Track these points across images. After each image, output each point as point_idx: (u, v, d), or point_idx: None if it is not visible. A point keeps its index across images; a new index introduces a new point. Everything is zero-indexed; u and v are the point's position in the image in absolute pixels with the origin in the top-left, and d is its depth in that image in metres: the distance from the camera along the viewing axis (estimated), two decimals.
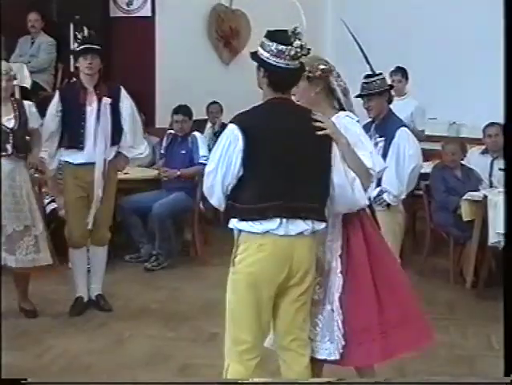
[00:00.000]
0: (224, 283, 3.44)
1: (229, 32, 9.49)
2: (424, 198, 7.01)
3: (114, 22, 8.96)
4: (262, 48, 3.35)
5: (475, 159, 7.13)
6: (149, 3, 8.81)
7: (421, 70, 8.74)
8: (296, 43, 3.29)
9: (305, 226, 3.33)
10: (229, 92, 8.53)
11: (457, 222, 6.55)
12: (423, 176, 6.53)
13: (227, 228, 3.41)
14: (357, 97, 4.98)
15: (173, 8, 8.72)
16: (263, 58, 3.34)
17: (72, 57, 6.39)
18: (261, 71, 3.38)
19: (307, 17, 3.38)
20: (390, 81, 7.71)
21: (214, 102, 8.66)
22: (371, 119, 5.35)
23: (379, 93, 5.28)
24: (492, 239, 6.07)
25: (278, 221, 3.29)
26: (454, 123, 9.26)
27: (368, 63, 5.37)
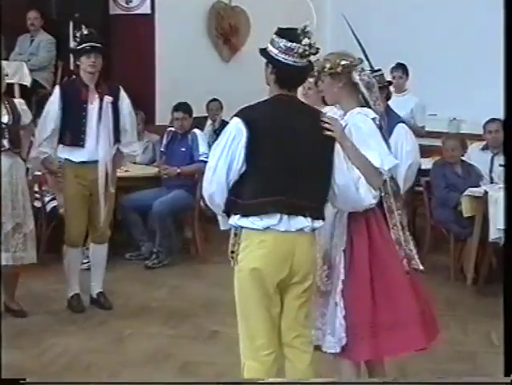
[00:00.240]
0: (224, 281, 3.44)
1: (228, 29, 9.46)
2: (424, 194, 7.00)
3: (113, 20, 8.96)
4: (272, 45, 3.36)
5: (475, 155, 7.12)
6: (149, 1, 8.80)
7: (421, 66, 8.72)
8: (305, 41, 3.31)
9: (306, 223, 3.32)
10: (229, 89, 8.51)
11: (458, 218, 6.54)
12: (423, 173, 6.53)
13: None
14: None
15: (173, 5, 8.71)
16: (272, 54, 3.35)
17: (72, 55, 6.36)
18: (269, 68, 3.39)
19: (307, 13, 3.38)
20: (391, 77, 7.72)
21: (214, 99, 8.64)
22: None
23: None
24: (493, 235, 6.07)
25: (279, 217, 3.28)
26: (454, 119, 9.23)
27: (367, 59, 5.35)
